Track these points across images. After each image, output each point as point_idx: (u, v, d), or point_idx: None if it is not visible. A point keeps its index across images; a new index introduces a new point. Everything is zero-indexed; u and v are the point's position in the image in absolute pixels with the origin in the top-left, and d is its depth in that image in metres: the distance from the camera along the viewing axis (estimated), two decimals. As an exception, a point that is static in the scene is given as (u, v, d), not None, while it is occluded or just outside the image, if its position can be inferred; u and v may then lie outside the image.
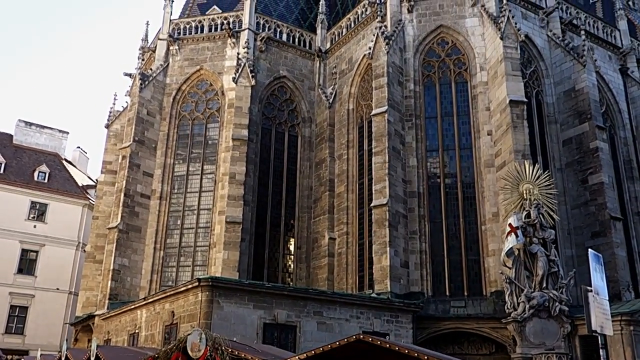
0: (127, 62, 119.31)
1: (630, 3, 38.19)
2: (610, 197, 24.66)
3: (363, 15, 29.27)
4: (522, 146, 22.50)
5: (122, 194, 26.97)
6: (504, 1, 25.15)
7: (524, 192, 18.45)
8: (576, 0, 35.63)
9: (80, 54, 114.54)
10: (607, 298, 11.06)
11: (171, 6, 31.24)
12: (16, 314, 37.22)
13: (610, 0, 35.02)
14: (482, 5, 26.05)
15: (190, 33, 30.65)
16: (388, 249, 22.31)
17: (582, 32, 27.83)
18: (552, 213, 18.34)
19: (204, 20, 30.85)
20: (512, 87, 23.40)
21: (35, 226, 38.87)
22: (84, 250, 33.55)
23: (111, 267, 25.83)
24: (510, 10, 24.91)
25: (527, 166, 18.67)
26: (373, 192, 23.85)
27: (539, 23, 27.64)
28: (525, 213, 18.07)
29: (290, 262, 28.34)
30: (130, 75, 30.95)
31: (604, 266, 11.60)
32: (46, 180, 40.73)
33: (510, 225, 17.62)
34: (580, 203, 25.02)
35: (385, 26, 26.48)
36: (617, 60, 30.56)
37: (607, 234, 23.89)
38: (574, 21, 28.91)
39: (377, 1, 28.08)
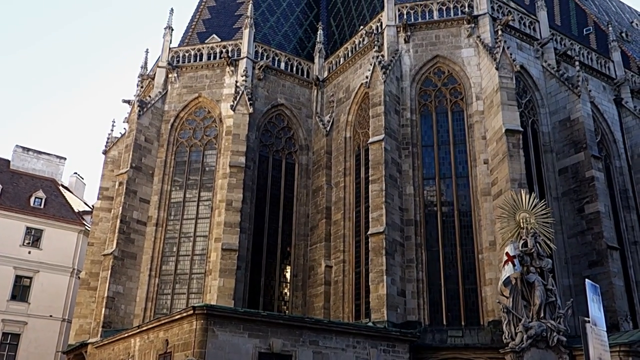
0: (125, 89, 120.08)
1: (624, 35, 38.81)
2: (606, 226, 24.66)
3: (360, 45, 29.63)
4: (519, 175, 22.57)
5: (118, 220, 26.86)
6: (499, 32, 25.52)
7: (521, 220, 18.50)
8: (570, 32, 36.21)
9: (79, 80, 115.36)
10: (605, 329, 11.00)
11: (171, 35, 31.61)
12: (8, 341, 36.71)
13: (603, 32, 35.58)
14: (478, 36, 26.44)
15: (189, 61, 30.94)
16: (385, 277, 22.19)
17: (577, 63, 28.20)
18: (548, 242, 18.36)
19: (203, 48, 31.19)
20: (508, 117, 23.59)
21: (30, 252, 38.62)
22: (79, 277, 33.27)
23: (105, 295, 25.59)
24: (505, 41, 25.25)
25: (523, 195, 18.76)
26: (370, 220, 23.82)
27: (533, 54, 28.03)
28: (522, 242, 18.08)
29: (286, 290, 28.12)
30: (128, 102, 31.13)
31: (602, 296, 11.57)
32: (42, 206, 40.61)
33: (507, 254, 17.62)
34: (577, 232, 25.00)
35: (382, 56, 26.80)
36: (611, 91, 30.92)
37: (604, 263, 23.81)
38: (569, 52, 29.33)
39: (375, 31, 28.48)
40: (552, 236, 18.72)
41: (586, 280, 11.01)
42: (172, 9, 32.49)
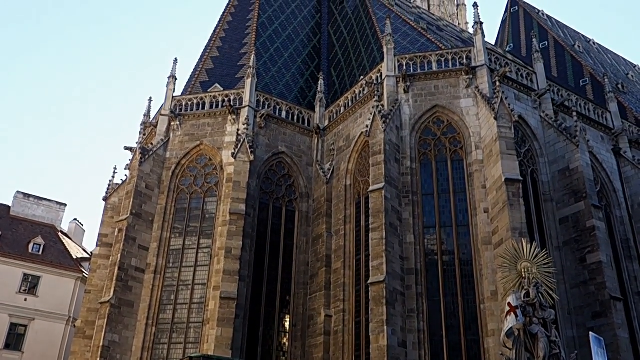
0: (127, 137, 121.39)
1: (620, 86, 39.47)
2: (609, 276, 24.44)
3: (360, 95, 30.08)
4: (519, 224, 22.51)
5: (117, 268, 26.61)
6: (497, 83, 25.96)
7: (523, 270, 18.27)
8: (567, 83, 36.86)
9: (81, 127, 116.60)
10: (611, 383, 10.75)
11: (174, 84, 32.15)
12: (-1, 392, 35.88)
13: (599, 83, 36.20)
14: (476, 87, 26.88)
15: (191, 109, 31.35)
16: (385, 327, 21.81)
17: (574, 114, 28.55)
18: (551, 292, 18.09)
19: (206, 97, 31.65)
20: (507, 166, 23.72)
21: (26, 299, 38.14)
22: (74, 326, 32.74)
23: (101, 344, 25.06)
24: (503, 92, 25.66)
25: (524, 244, 18.61)
26: (370, 268, 23.60)
27: (531, 104, 28.42)
28: (524, 292, 17.81)
29: (285, 340, 27.59)
30: (130, 149, 31.35)
31: (606, 348, 11.36)
32: (40, 253, 40.36)
33: (509, 304, 17.35)
34: (579, 282, 24.75)
35: (382, 105, 27.16)
36: (609, 141, 31.17)
37: (607, 314, 23.47)
38: (566, 103, 29.74)
39: (374, 81, 28.97)
40: (555, 286, 18.45)
41: (590, 333, 10.84)
42: (176, 59, 33.23)
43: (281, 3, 40.89)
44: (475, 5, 29.50)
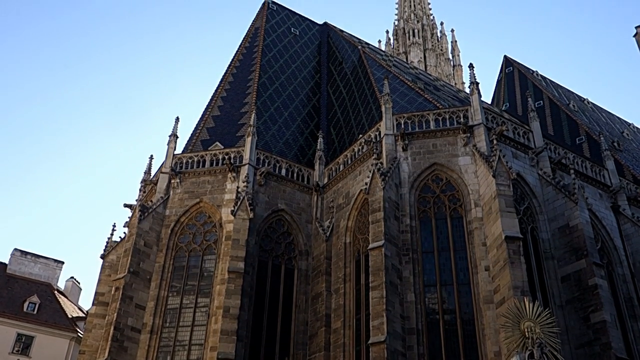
0: (125, 194, 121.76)
1: (616, 144, 39.95)
2: (614, 336, 23.93)
3: (359, 153, 30.36)
4: (521, 282, 22.25)
5: (112, 327, 26.07)
6: (494, 141, 26.27)
7: (526, 330, 18.02)
8: (563, 141, 37.34)
9: (80, 184, 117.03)
10: None
11: (175, 142, 32.45)
12: None
13: (595, 141, 36.64)
14: (474, 145, 27.17)
15: (192, 167, 31.53)
16: (387, 390, 21.19)
17: (572, 171, 28.73)
18: (556, 353, 17.76)
19: (206, 155, 31.90)
20: (507, 223, 23.67)
21: (18, 360, 37.29)
22: (67, 388, 31.86)
23: (94, 407, 24.33)
24: (501, 150, 25.92)
25: (527, 303, 18.40)
26: (370, 328, 23.12)
27: (529, 162, 28.65)
28: (528, 352, 17.49)
29: (283, 404, 26.75)
30: (130, 206, 31.30)
31: (615, 413, 11.03)
32: (35, 312, 39.72)
33: (513, 366, 17.00)
34: (584, 342, 24.22)
35: (381, 163, 27.38)
36: (608, 198, 31.23)
37: (615, 376, 22.87)
38: (563, 160, 29.98)
39: (373, 140, 29.31)
40: (559, 347, 18.13)
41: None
42: (177, 117, 33.52)
43: (282, 64, 41.93)
44: (470, 66, 30.24)
